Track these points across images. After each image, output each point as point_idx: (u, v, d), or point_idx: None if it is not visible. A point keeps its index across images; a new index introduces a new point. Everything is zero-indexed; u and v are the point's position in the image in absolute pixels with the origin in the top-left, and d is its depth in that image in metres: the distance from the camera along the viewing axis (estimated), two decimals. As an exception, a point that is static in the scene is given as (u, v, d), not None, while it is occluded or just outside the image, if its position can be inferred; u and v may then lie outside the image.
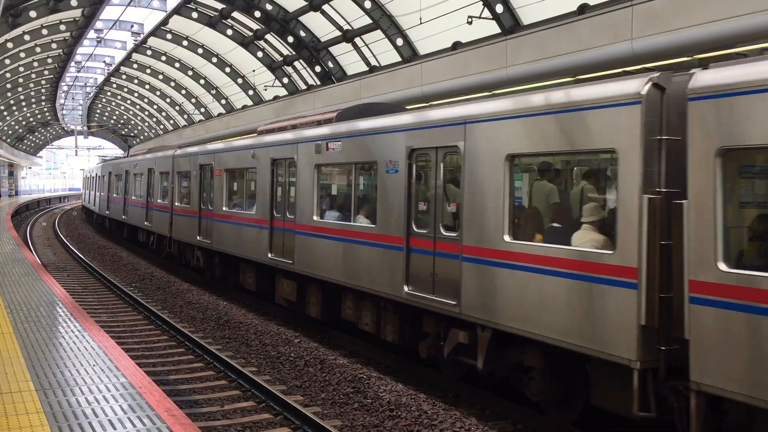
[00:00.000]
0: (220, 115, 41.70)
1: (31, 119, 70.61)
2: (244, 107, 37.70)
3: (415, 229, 9.19)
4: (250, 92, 37.52)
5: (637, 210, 6.28)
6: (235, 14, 30.26)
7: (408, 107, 13.64)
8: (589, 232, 6.99)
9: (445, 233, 8.63)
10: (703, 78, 6.03)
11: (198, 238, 17.42)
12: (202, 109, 46.43)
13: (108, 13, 33.59)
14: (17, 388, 6.43)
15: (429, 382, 9.69)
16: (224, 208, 15.94)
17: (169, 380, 9.84)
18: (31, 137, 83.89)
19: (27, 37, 32.39)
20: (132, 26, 39.63)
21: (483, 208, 8.02)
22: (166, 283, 18.52)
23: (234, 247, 15.23)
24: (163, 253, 21.93)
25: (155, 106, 55.45)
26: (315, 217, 11.84)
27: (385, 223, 9.85)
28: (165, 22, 34.46)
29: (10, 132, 71.27)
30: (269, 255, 13.37)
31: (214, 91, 41.92)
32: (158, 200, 21.83)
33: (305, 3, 26.14)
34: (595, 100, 6.81)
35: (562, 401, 7.73)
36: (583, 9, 16.39)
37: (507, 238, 7.72)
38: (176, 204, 19.64)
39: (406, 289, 9.27)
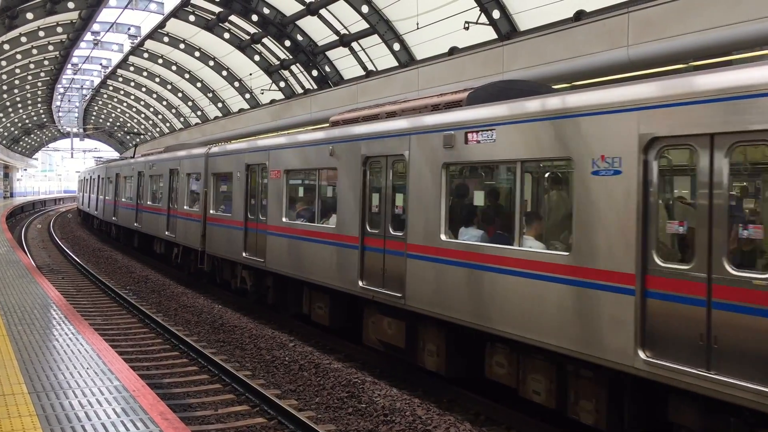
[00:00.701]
0: (216, 118, 41.68)
1: (27, 121, 70.46)
2: (241, 111, 37.70)
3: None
4: (247, 96, 37.51)
5: None
6: (233, 18, 30.26)
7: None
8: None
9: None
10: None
11: (244, 254, 14.31)
12: (199, 112, 46.40)
13: (105, 15, 33.73)
14: (10, 390, 6.41)
15: (423, 387, 9.69)
16: (284, 219, 12.88)
17: (162, 384, 9.82)
18: (26, 139, 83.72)
19: (24, 39, 32.35)
20: (129, 29, 39.67)
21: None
22: (161, 286, 18.49)
23: (298, 268, 12.21)
24: (190, 269, 18.92)
25: (151, 109, 55.40)
26: (443, 237, 8.69)
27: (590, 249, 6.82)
28: (162, 25, 34.47)
29: (5, 134, 71.11)
30: (360, 283, 10.23)
31: (210, 95, 41.90)
32: (185, 207, 18.66)
33: (302, 7, 26.16)
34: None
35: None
36: (579, 15, 16.44)
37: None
38: (211, 212, 16.60)
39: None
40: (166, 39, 36.22)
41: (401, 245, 9.45)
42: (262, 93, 34.76)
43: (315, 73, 29.55)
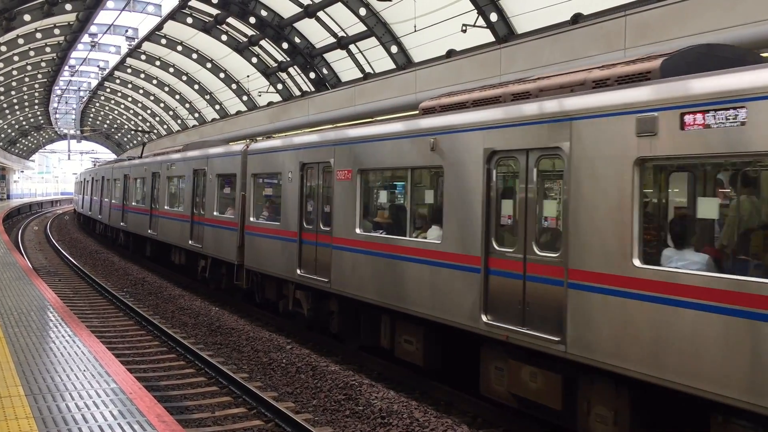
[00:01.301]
0: (214, 120, 41.68)
1: (24, 123, 70.42)
2: (238, 113, 37.71)
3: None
4: (244, 98, 37.54)
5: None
6: (230, 20, 30.29)
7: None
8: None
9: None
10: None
11: (299, 272, 12.00)
12: (196, 114, 46.41)
13: (102, 17, 33.68)
14: (6, 393, 6.40)
15: (421, 390, 9.69)
16: (358, 231, 10.44)
17: (160, 386, 9.81)
18: (23, 141, 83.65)
19: (21, 41, 32.34)
20: (126, 31, 39.62)
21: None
22: (158, 289, 18.46)
23: (379, 292, 9.83)
24: (220, 284, 16.35)
25: (149, 111, 55.38)
26: (636, 262, 6.26)
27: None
28: (159, 27, 34.49)
29: (2, 135, 71.04)
30: (484, 318, 7.86)
31: (208, 97, 41.92)
32: (214, 213, 16.16)
33: (300, 9, 26.20)
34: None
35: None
36: (576, 19, 16.50)
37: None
38: (252, 220, 14.16)
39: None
40: (163, 41, 36.24)
41: (557, 271, 7.02)
42: (260, 95, 34.80)
43: (313, 75, 29.58)
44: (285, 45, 29.27)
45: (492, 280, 7.88)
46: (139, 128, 58.35)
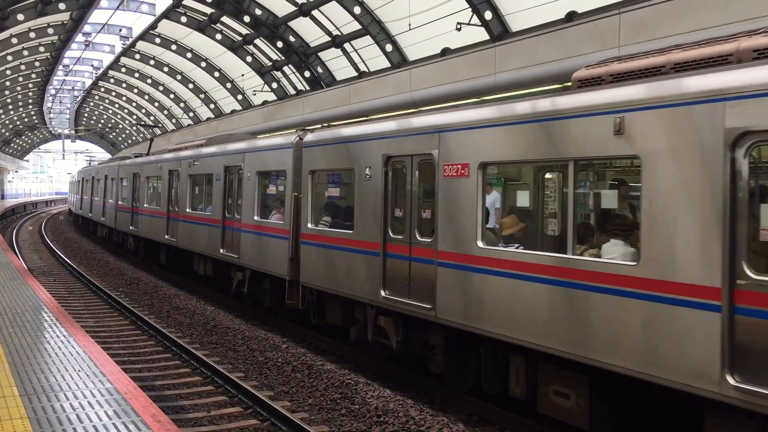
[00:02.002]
0: (208, 119, 41.61)
1: (18, 123, 70.21)
2: (233, 112, 37.66)
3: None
4: (239, 97, 37.49)
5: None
6: (224, 19, 30.24)
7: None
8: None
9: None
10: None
11: (384, 293, 9.56)
12: (191, 114, 46.33)
13: (96, 16, 33.54)
14: (1, 393, 6.38)
15: (417, 388, 9.69)
16: (480, 245, 8.04)
17: (155, 386, 9.79)
18: (17, 141, 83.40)
19: (14, 40, 32.23)
20: (120, 30, 39.52)
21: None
22: (153, 288, 18.42)
23: (518, 328, 7.50)
24: (263, 301, 14.12)
25: (143, 110, 55.27)
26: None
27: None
28: (154, 26, 34.41)
29: (-4, 135, 70.86)
30: (731, 380, 5.48)
31: (202, 96, 41.86)
32: (255, 217, 13.77)
33: (295, 8, 26.16)
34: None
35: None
36: (571, 16, 16.51)
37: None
38: (309, 226, 11.74)
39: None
40: (157, 40, 36.16)
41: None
42: (255, 94, 34.75)
43: (307, 74, 29.55)
44: (280, 44, 29.24)
45: (740, 323, 5.69)
46: (141, 122, 57.77)
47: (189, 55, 36.91)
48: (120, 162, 26.90)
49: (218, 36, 32.29)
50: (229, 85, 37.49)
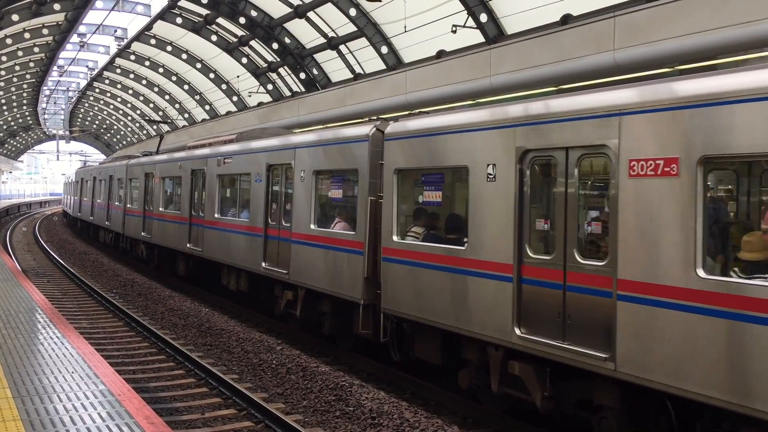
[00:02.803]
0: (204, 121, 41.57)
1: (13, 123, 69.99)
2: (228, 113, 37.63)
3: (283, 223, 12.45)
4: (234, 98, 37.46)
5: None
6: (220, 20, 30.21)
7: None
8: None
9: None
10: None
11: (519, 331, 7.41)
12: (186, 115, 46.25)
13: (91, 17, 33.50)
14: (-6, 395, 6.36)
15: (411, 390, 9.69)
16: (701, 274, 5.79)
17: (149, 387, 9.77)
18: (12, 141, 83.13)
19: (9, 41, 32.14)
20: (115, 31, 39.45)
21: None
22: (148, 290, 18.38)
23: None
24: (322, 328, 11.78)
25: (138, 111, 55.18)
26: (395, 238, 8.63)
27: None
28: (149, 27, 34.36)
29: (-10, 136, 70.65)
30: None
31: (198, 97, 41.81)
32: (312, 226, 11.55)
33: (290, 10, 26.17)
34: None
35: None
36: (566, 20, 16.56)
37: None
38: (396, 239, 9.38)
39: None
40: (153, 41, 36.11)
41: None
42: (250, 96, 34.74)
43: (303, 75, 29.55)
44: (275, 45, 29.23)
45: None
46: (129, 128, 57.60)
47: (184, 56, 36.86)
48: (128, 161, 24.25)
49: (214, 37, 32.26)
50: (224, 86, 37.46)
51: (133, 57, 40.55)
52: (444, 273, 8.53)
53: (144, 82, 45.45)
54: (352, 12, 23.72)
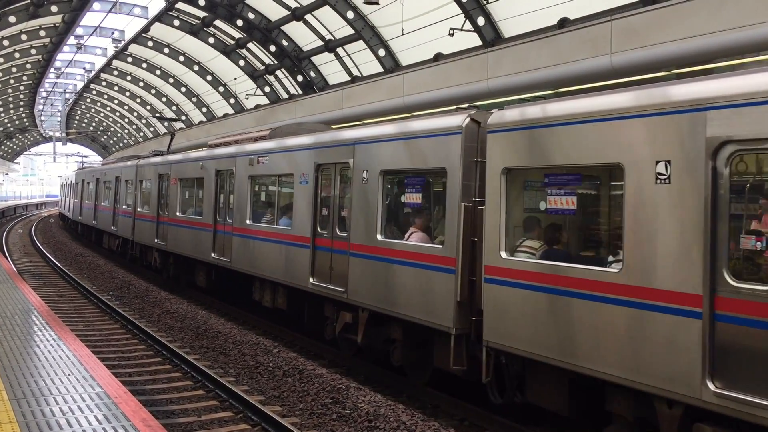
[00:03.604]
0: (201, 123, 41.54)
1: (9, 125, 69.90)
2: (226, 115, 37.62)
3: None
4: (232, 101, 37.45)
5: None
6: (217, 22, 30.24)
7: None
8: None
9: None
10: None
11: (714, 385, 5.50)
12: (183, 117, 46.23)
13: (88, 19, 33.46)
14: (-10, 397, 6.35)
15: (408, 393, 9.69)
16: None
17: (145, 390, 9.75)
18: (8, 143, 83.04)
19: (6, 43, 32.12)
20: (113, 33, 39.42)
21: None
22: (144, 292, 18.35)
23: None
24: (380, 354, 10.30)
25: (135, 114, 55.15)
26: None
27: None
28: (146, 29, 34.35)
29: (-13, 138, 70.55)
30: None
31: (195, 99, 41.80)
32: (379, 237, 9.67)
33: (288, 12, 26.21)
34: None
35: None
36: (563, 23, 16.61)
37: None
38: (505, 256, 7.64)
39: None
40: (150, 43, 36.10)
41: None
42: (247, 98, 34.74)
43: (300, 78, 29.58)
44: (272, 48, 29.26)
45: None
46: (125, 130, 57.33)
47: (182, 58, 36.86)
48: (138, 161, 22.23)
49: (211, 39, 32.28)
50: (221, 88, 37.46)
51: (130, 59, 40.55)
52: (582, 302, 6.63)
53: (141, 84, 45.43)
54: (350, 15, 23.76)
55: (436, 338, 8.74)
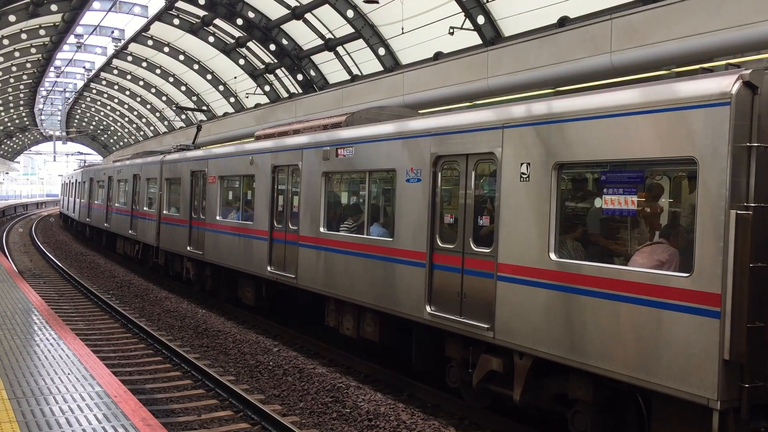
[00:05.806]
0: (201, 122, 41.54)
1: (9, 124, 69.90)
2: (225, 114, 37.61)
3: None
4: (232, 99, 37.45)
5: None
6: (217, 21, 30.24)
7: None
8: None
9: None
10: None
11: None
12: (183, 116, 46.25)
13: (88, 18, 33.47)
14: (-10, 396, 6.35)
15: (408, 392, 9.69)
16: None
17: (145, 389, 9.75)
18: (8, 142, 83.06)
19: (6, 42, 32.13)
20: (113, 32, 39.46)
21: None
22: (144, 291, 18.35)
23: None
24: (548, 416, 8.01)
25: (135, 113, 55.15)
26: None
27: None
28: (146, 28, 34.36)
29: (-13, 137, 70.56)
30: None
31: (195, 98, 41.80)
32: (552, 255, 6.96)
33: (288, 11, 26.21)
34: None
35: None
36: (563, 22, 16.61)
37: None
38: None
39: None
40: (150, 42, 36.11)
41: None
42: (247, 97, 34.73)
43: (300, 77, 29.57)
44: (272, 47, 29.25)
45: None
46: (125, 129, 57.12)
47: (181, 57, 36.87)
48: (163, 157, 19.85)
49: (211, 38, 32.27)
50: (221, 87, 37.46)
51: (130, 58, 40.55)
52: None
53: (141, 83, 45.45)
54: (350, 13, 23.75)
55: (658, 407, 6.18)
